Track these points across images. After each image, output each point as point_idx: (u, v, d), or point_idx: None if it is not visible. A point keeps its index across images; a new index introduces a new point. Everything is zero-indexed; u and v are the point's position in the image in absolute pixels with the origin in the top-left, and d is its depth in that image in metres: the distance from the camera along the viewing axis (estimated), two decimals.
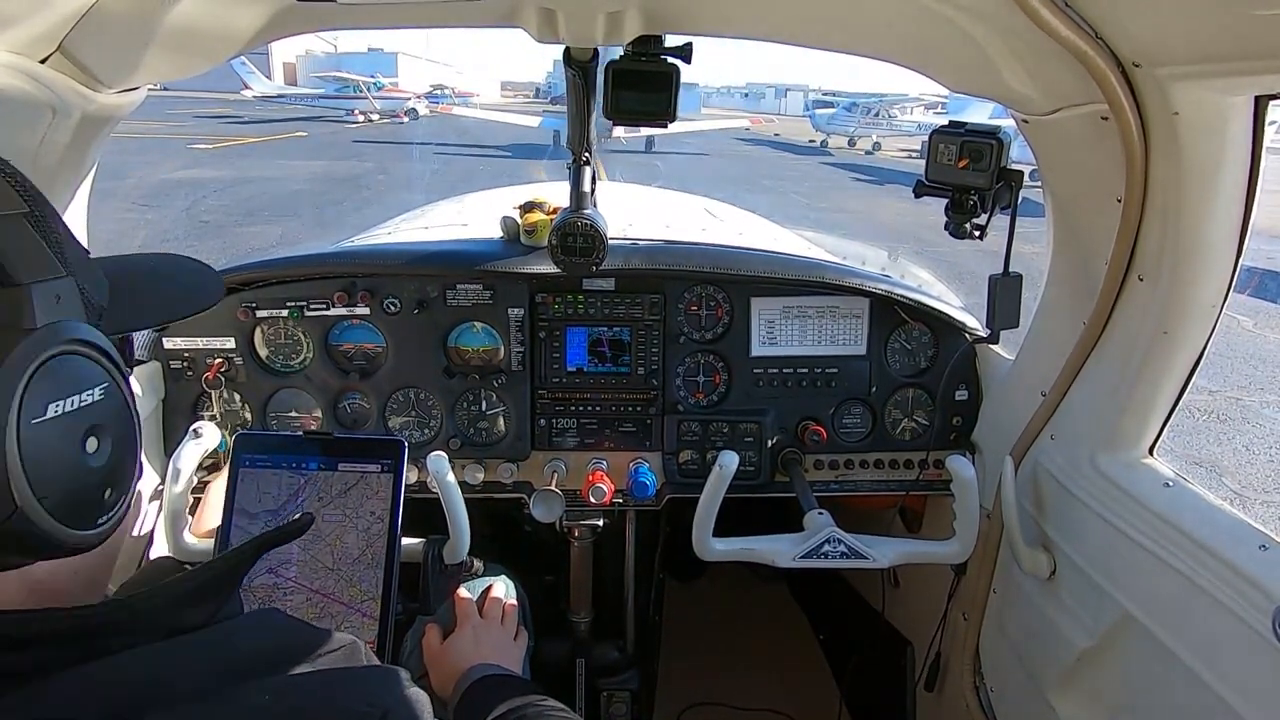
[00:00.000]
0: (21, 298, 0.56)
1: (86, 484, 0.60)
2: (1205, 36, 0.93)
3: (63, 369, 0.58)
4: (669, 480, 1.87)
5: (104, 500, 0.62)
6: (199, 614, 0.64)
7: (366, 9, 1.27)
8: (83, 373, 0.61)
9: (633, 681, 2.09)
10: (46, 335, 0.57)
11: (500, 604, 1.60)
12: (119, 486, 0.64)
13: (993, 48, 1.16)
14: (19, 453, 0.53)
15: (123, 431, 0.64)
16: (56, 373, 0.57)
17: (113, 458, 0.62)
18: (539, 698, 1.17)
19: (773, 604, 3.01)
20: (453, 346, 1.85)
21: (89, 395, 0.60)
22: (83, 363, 0.61)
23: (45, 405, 0.56)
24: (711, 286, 1.86)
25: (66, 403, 0.58)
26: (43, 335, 0.57)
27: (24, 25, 1.03)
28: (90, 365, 0.62)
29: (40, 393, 0.56)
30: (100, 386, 0.62)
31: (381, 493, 1.42)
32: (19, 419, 0.54)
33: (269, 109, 33.60)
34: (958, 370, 1.85)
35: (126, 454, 0.65)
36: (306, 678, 0.63)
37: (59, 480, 0.57)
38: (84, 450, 0.60)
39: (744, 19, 1.33)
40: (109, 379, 0.63)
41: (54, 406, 0.57)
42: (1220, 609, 1.11)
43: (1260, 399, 6.83)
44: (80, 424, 0.59)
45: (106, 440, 0.62)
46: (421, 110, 34.80)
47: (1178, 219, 1.16)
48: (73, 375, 0.59)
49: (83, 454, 0.60)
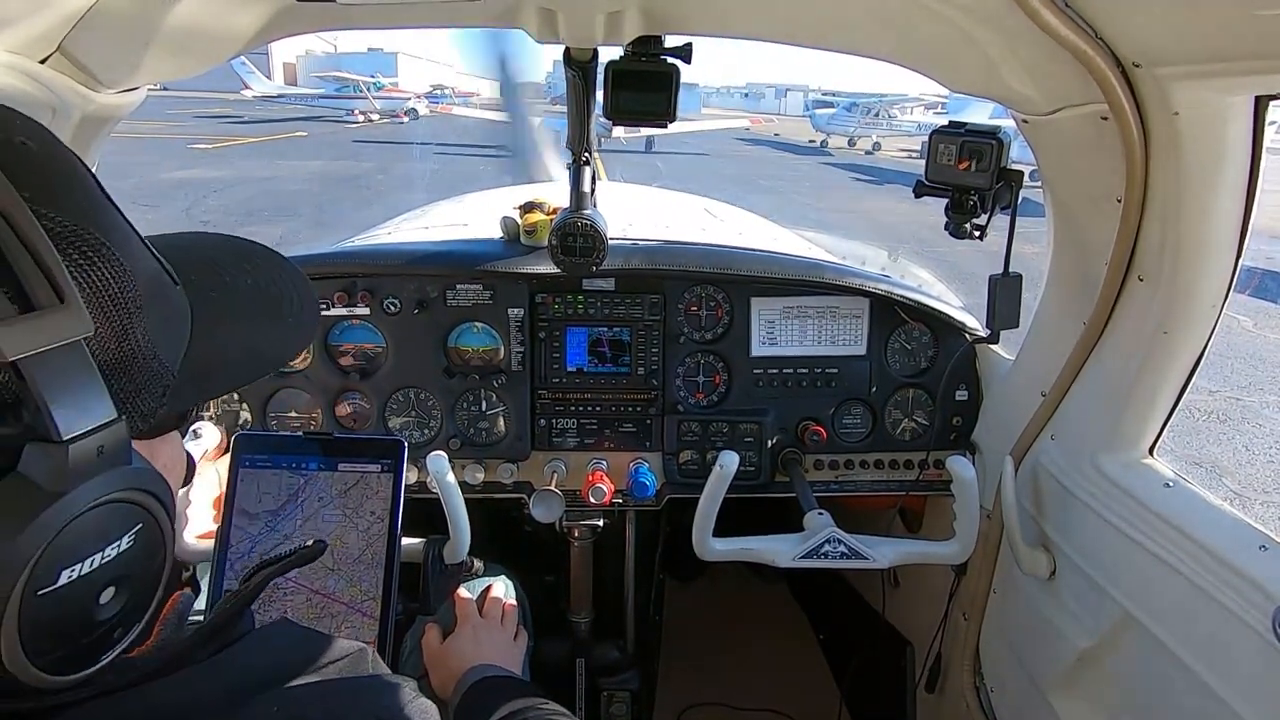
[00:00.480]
0: (54, 456, 0.48)
1: (94, 636, 0.53)
2: (1205, 36, 0.93)
3: (88, 527, 0.50)
4: (669, 480, 1.87)
5: (110, 641, 0.55)
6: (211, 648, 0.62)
7: (366, 9, 1.27)
8: (112, 524, 0.52)
9: (633, 681, 2.09)
10: (77, 498, 0.49)
11: (500, 604, 1.60)
12: (132, 621, 0.56)
13: (993, 48, 1.16)
14: (16, 627, 0.47)
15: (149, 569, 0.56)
16: (79, 533, 0.50)
17: (130, 599, 0.55)
18: (540, 700, 1.17)
19: (773, 604, 3.01)
20: (453, 346, 1.85)
21: (114, 548, 0.52)
22: (115, 511, 0.52)
23: (58, 572, 0.49)
24: (711, 286, 1.86)
25: (83, 565, 0.50)
26: (72, 499, 0.49)
27: (24, 25, 1.03)
28: (123, 510, 0.53)
29: (54, 560, 0.49)
30: (130, 533, 0.53)
31: (381, 493, 1.42)
32: (22, 593, 0.47)
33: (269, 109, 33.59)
34: (958, 370, 1.85)
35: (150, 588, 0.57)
36: (312, 689, 0.62)
37: (60, 643, 0.51)
38: (97, 604, 0.52)
39: (744, 19, 1.33)
40: (142, 518, 0.55)
41: (68, 572, 0.49)
42: (1220, 609, 1.11)
43: (1260, 399, 6.83)
44: (99, 581, 0.52)
45: (127, 587, 0.54)
46: (421, 110, 34.80)
47: (1178, 219, 1.16)
48: (99, 531, 0.51)
49: (95, 608, 0.52)
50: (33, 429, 0.48)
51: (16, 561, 0.47)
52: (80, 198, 0.53)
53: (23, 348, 0.45)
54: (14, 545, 0.47)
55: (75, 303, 0.48)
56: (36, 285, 0.46)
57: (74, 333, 0.48)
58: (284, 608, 1.38)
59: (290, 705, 0.59)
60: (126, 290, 0.52)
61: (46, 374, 0.47)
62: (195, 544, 1.53)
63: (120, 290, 0.52)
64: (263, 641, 0.66)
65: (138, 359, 0.54)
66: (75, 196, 0.52)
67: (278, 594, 1.38)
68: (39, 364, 0.46)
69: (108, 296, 0.51)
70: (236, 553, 1.39)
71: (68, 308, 0.47)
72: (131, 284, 0.53)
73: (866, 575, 2.40)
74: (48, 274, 0.46)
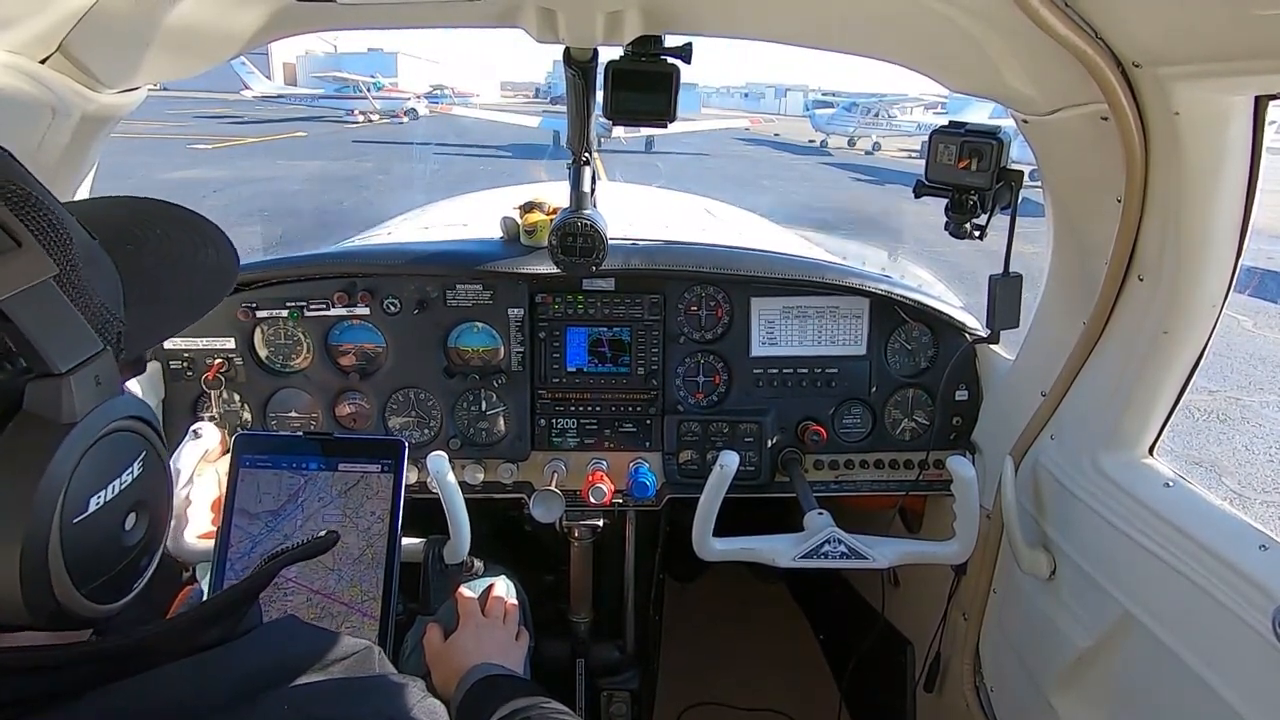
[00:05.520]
0: (60, 389, 0.51)
1: (126, 562, 0.58)
2: (1205, 36, 0.93)
3: (102, 455, 0.54)
4: (669, 480, 1.87)
5: (139, 568, 0.60)
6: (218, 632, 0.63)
7: (366, 9, 1.27)
8: (121, 452, 0.56)
9: (633, 681, 2.10)
10: (88, 427, 0.52)
11: (502, 603, 1.60)
12: (154, 549, 0.61)
13: (993, 48, 1.16)
14: (61, 556, 0.51)
15: (159, 494, 0.61)
16: (96, 461, 0.53)
17: (150, 526, 0.60)
18: (543, 699, 1.17)
19: (773, 604, 3.01)
20: (453, 347, 1.85)
21: (128, 474, 0.56)
22: (121, 440, 0.56)
23: (87, 501, 0.53)
24: (711, 286, 1.86)
25: (108, 491, 0.54)
26: (84, 428, 0.52)
27: (24, 25, 1.03)
28: (128, 439, 0.57)
29: (81, 489, 0.52)
30: (138, 459, 0.58)
31: (382, 493, 1.42)
32: (60, 523, 0.50)
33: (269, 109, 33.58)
34: (958, 370, 1.85)
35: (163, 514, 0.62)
36: (322, 687, 0.62)
37: (100, 568, 0.55)
38: (124, 530, 0.57)
39: (744, 19, 1.33)
40: (146, 445, 0.59)
41: (95, 499, 0.53)
42: (1220, 609, 1.11)
43: (1260, 399, 6.83)
44: (121, 507, 0.56)
45: (145, 513, 0.59)
46: (421, 110, 34.78)
47: (1178, 219, 1.16)
48: (112, 459, 0.55)
49: (123, 534, 0.57)
50: (28, 370, 0.50)
51: (50, 492, 0.50)
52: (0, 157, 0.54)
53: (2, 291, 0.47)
54: (46, 477, 0.49)
55: (33, 245, 0.49)
56: None
57: (42, 273, 0.50)
58: (284, 607, 1.38)
59: (301, 703, 0.59)
60: (65, 237, 0.54)
61: (29, 314, 0.48)
62: (195, 544, 1.53)
63: (61, 237, 0.53)
64: (271, 637, 0.66)
65: (92, 302, 0.55)
66: None
67: (278, 593, 1.38)
68: (20, 304, 0.48)
69: (54, 242, 0.52)
70: (237, 552, 1.39)
71: (28, 250, 0.49)
72: (68, 233, 0.54)
73: (866, 575, 2.40)
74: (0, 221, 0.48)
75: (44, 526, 0.50)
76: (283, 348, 1.83)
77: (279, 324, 1.81)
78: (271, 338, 1.83)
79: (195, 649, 0.61)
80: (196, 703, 0.56)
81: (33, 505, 0.49)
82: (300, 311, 1.78)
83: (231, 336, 1.79)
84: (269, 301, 1.77)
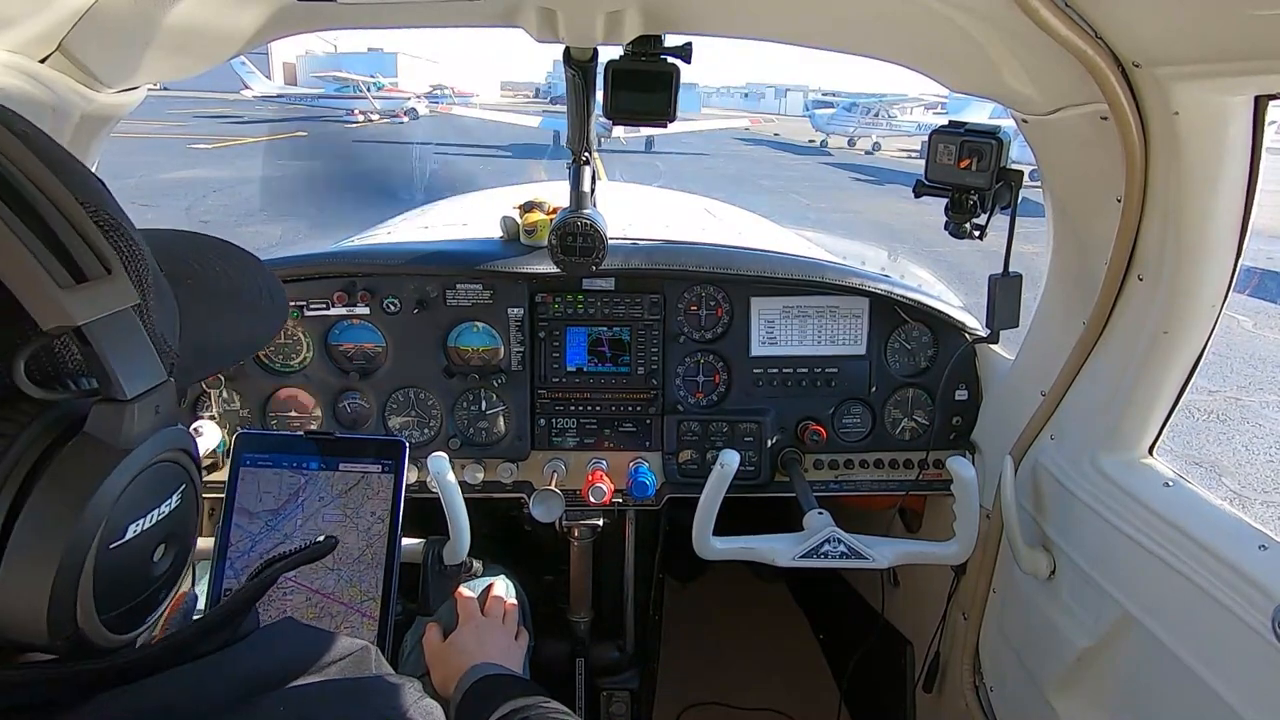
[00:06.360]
0: (124, 414, 0.51)
1: (148, 592, 0.57)
2: (1205, 36, 0.93)
3: (147, 484, 0.54)
4: (669, 480, 1.87)
5: (157, 601, 0.59)
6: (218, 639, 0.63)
7: (366, 9, 1.27)
8: (165, 482, 0.56)
9: (633, 681, 2.10)
10: (140, 455, 0.53)
11: (502, 603, 1.60)
12: (173, 583, 0.60)
13: (993, 48, 1.16)
14: (92, 579, 0.51)
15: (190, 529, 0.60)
16: (141, 490, 0.54)
17: (175, 559, 0.59)
18: (542, 699, 1.17)
19: (773, 604, 3.01)
20: (453, 346, 1.85)
21: (167, 505, 0.56)
22: (165, 470, 0.56)
23: (125, 527, 0.53)
24: (711, 286, 1.86)
25: (146, 519, 0.54)
26: (137, 456, 0.52)
27: (24, 25, 1.03)
28: (171, 470, 0.57)
29: (122, 516, 0.52)
30: (178, 491, 0.58)
31: (382, 493, 1.42)
32: (98, 547, 0.51)
33: (269, 109, 33.57)
34: (957, 370, 1.85)
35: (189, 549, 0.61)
36: (319, 689, 0.62)
37: (124, 597, 0.55)
38: (153, 561, 0.57)
39: (744, 19, 1.33)
40: (186, 479, 0.59)
41: (134, 527, 0.53)
42: (1220, 609, 1.11)
43: (1260, 399, 6.83)
44: (155, 538, 0.56)
45: (175, 546, 0.58)
46: (421, 110, 34.76)
47: (1178, 219, 1.16)
48: (155, 489, 0.55)
49: (151, 565, 0.57)
50: (92, 392, 0.52)
51: (95, 515, 0.50)
52: (91, 182, 0.55)
53: (88, 314, 0.48)
54: (94, 500, 0.49)
55: (121, 273, 0.51)
56: (84, 257, 0.48)
57: (125, 301, 0.51)
58: (284, 607, 1.38)
59: (298, 706, 0.59)
60: (145, 268, 0.55)
61: (109, 339, 0.50)
62: None
63: (142, 267, 0.55)
64: (269, 640, 0.66)
65: (156, 333, 0.57)
66: (87, 181, 0.55)
67: (277, 593, 1.38)
68: (102, 329, 0.49)
69: (137, 272, 0.54)
70: (237, 551, 1.39)
71: (115, 278, 0.50)
72: (147, 264, 0.56)
73: (866, 575, 2.40)
74: (93, 247, 0.49)
75: (83, 549, 0.50)
76: (283, 347, 1.83)
77: None
78: None
79: (197, 656, 0.61)
80: (196, 707, 0.56)
81: (76, 526, 0.49)
82: (300, 311, 1.78)
83: None
84: None
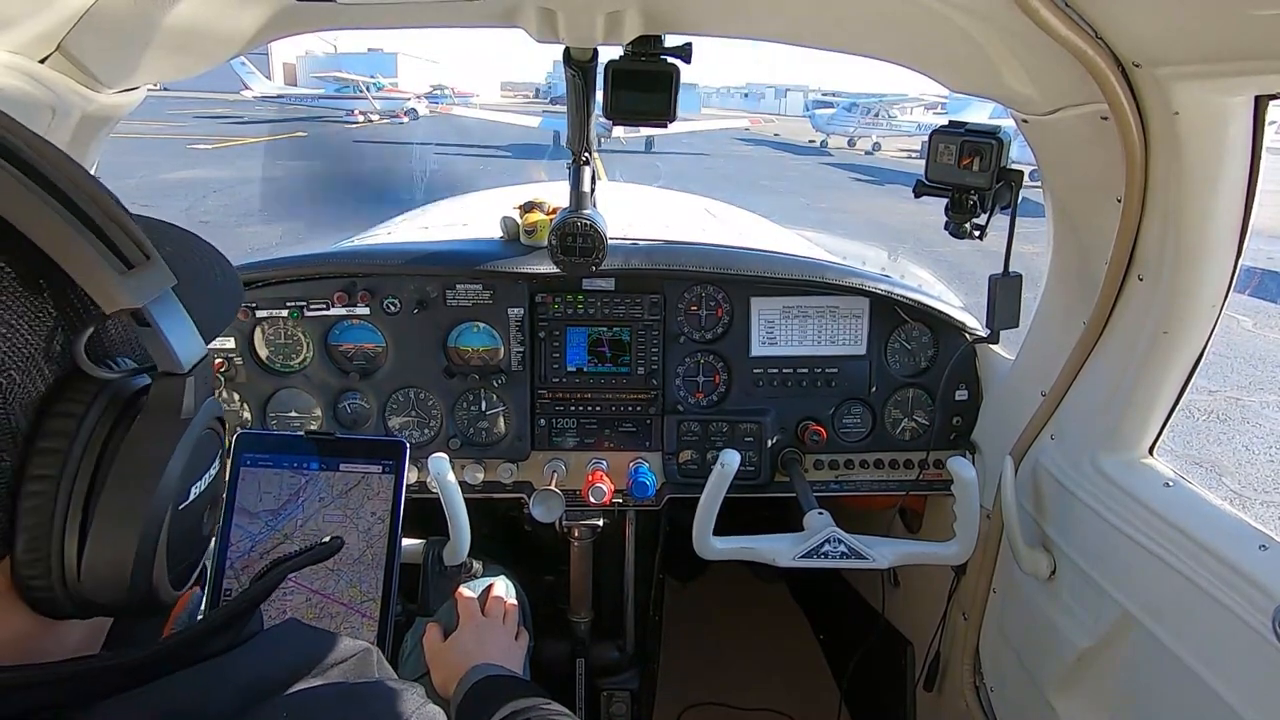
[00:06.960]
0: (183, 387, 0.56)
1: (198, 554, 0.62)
2: (1205, 36, 0.93)
3: (201, 449, 0.59)
4: (669, 480, 1.87)
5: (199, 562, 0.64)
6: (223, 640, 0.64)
7: (366, 9, 1.27)
8: (211, 447, 0.61)
9: (633, 681, 2.10)
10: (199, 422, 0.57)
11: (502, 603, 1.60)
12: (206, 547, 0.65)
13: (993, 48, 1.16)
14: (166, 539, 0.55)
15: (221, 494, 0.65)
16: (198, 453, 0.58)
17: (213, 522, 0.64)
18: (543, 700, 1.17)
19: (773, 604, 3.01)
20: (453, 346, 1.85)
21: (213, 470, 0.61)
22: (209, 437, 0.60)
23: (189, 489, 0.57)
24: (711, 286, 1.86)
25: (202, 482, 0.59)
26: (198, 423, 0.57)
27: (24, 25, 1.03)
28: (213, 437, 0.61)
29: (189, 476, 0.57)
30: (218, 456, 0.62)
31: (382, 494, 1.42)
32: (172, 509, 0.55)
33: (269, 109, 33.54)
34: (958, 370, 1.85)
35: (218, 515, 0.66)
36: (321, 692, 0.63)
37: (184, 554, 0.59)
38: (203, 521, 0.61)
39: (744, 19, 1.33)
40: (220, 446, 0.63)
41: (195, 488, 0.58)
42: (1220, 609, 1.11)
43: (1260, 399, 6.83)
44: (207, 499, 0.61)
45: (215, 510, 0.63)
46: (421, 110, 34.74)
47: (1178, 219, 1.16)
48: (205, 454, 0.60)
49: (202, 525, 0.61)
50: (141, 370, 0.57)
51: (170, 480, 0.55)
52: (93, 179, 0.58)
53: (146, 297, 0.52)
54: (169, 467, 0.54)
55: (157, 258, 0.55)
56: (126, 246, 0.52)
57: (168, 282, 0.55)
58: (283, 608, 1.38)
59: (300, 711, 0.59)
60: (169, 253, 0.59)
61: (164, 318, 0.54)
62: None
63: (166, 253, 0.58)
64: (274, 644, 0.67)
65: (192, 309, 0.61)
66: None
67: (277, 593, 1.38)
68: (158, 309, 0.54)
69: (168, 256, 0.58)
70: (236, 551, 1.39)
71: (154, 263, 0.54)
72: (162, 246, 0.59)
73: (866, 575, 2.41)
74: (131, 235, 0.53)
75: (162, 511, 0.54)
76: (283, 347, 1.83)
77: (279, 324, 1.81)
78: (271, 337, 1.83)
79: (203, 658, 0.61)
80: (204, 710, 0.56)
81: (157, 491, 0.54)
82: (300, 311, 1.78)
83: (231, 336, 1.79)
84: (269, 301, 1.77)
